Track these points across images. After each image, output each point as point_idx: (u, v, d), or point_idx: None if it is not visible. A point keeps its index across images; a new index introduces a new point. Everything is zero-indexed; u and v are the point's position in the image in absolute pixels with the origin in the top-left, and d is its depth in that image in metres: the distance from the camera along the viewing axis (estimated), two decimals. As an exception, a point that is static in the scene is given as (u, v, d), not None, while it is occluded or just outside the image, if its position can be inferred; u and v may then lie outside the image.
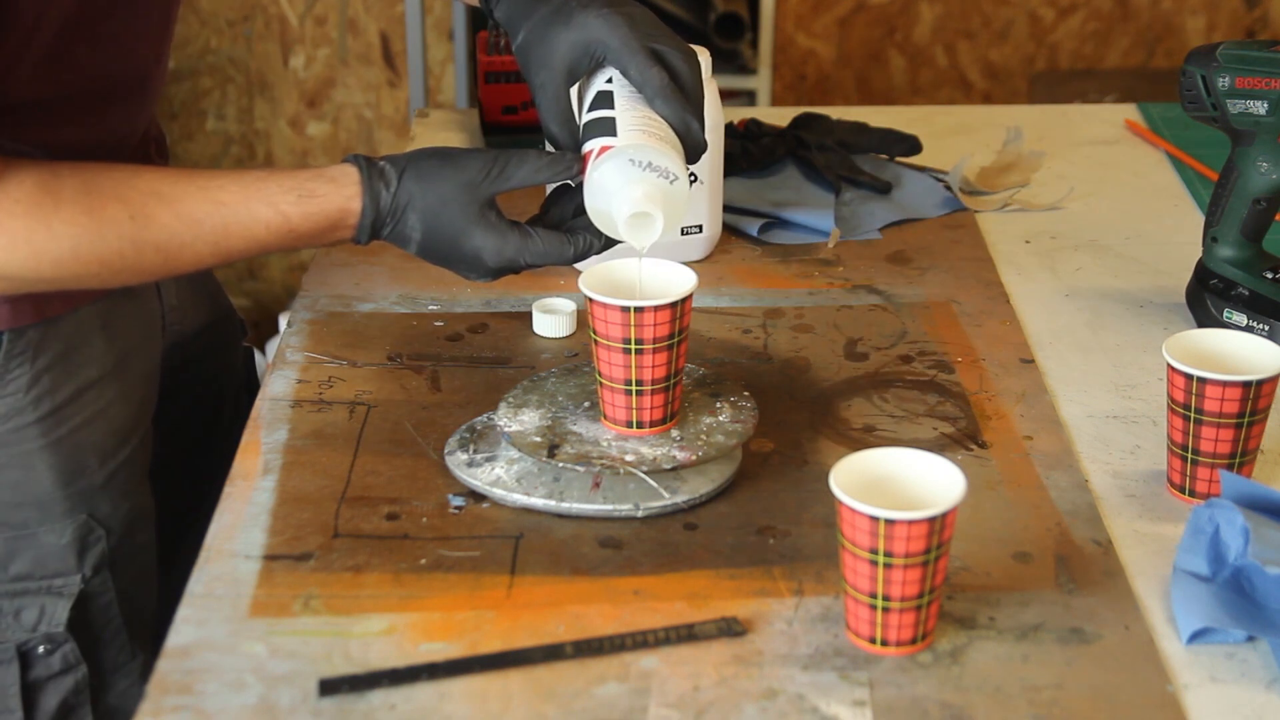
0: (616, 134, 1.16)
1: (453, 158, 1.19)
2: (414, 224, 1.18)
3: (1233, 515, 1.09)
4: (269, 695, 1.02)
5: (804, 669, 1.04)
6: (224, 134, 3.25)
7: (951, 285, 1.51)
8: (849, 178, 1.68)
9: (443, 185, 1.17)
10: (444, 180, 1.18)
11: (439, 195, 1.17)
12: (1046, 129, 1.86)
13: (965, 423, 1.30)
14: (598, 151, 1.16)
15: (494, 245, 1.18)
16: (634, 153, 1.15)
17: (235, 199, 1.16)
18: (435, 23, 3.18)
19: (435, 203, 1.17)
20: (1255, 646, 1.06)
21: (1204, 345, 1.20)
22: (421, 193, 1.17)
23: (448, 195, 1.17)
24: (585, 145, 1.18)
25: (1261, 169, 1.38)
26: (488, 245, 1.18)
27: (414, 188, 1.18)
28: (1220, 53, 1.38)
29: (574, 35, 1.20)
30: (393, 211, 1.18)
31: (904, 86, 3.25)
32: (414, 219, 1.18)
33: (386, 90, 3.25)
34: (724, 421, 1.23)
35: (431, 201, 1.17)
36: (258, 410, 1.30)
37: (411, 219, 1.18)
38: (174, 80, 3.21)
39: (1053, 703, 1.01)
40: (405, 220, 1.18)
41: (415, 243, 1.19)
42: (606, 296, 1.16)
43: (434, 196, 1.17)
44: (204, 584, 1.11)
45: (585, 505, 1.17)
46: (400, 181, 1.18)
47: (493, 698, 1.01)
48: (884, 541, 1.00)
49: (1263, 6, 3.21)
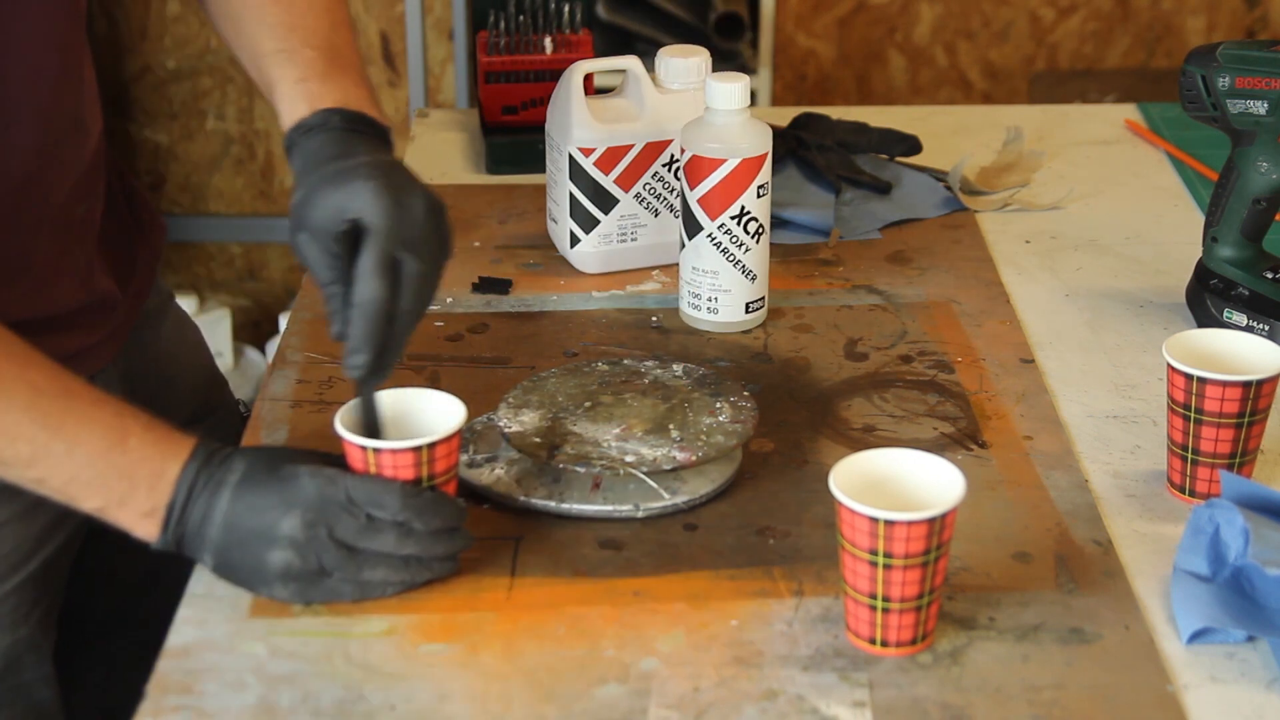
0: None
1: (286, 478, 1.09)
2: (237, 466, 1.08)
3: (1233, 515, 1.09)
4: (269, 695, 1.02)
5: (804, 670, 1.04)
6: (224, 134, 3.25)
7: (951, 285, 1.51)
8: (849, 178, 1.68)
9: (280, 448, 1.12)
10: (282, 448, 1.12)
11: (274, 450, 1.12)
12: (1046, 129, 1.86)
13: (965, 423, 1.30)
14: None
15: (314, 470, 1.08)
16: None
17: (86, 394, 1.07)
18: (435, 23, 3.18)
19: (267, 453, 1.11)
20: (1255, 646, 1.06)
21: (1204, 345, 1.20)
22: (256, 448, 1.12)
23: (283, 452, 1.11)
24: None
25: (1261, 169, 1.38)
26: (309, 468, 1.08)
27: (249, 448, 1.12)
28: (1220, 53, 1.38)
29: (339, 200, 1.13)
30: (222, 460, 1.09)
31: (904, 86, 3.25)
32: (239, 462, 1.09)
33: (386, 90, 3.25)
34: (724, 421, 1.23)
35: (264, 453, 1.11)
36: (258, 410, 1.30)
37: (237, 462, 1.09)
38: (174, 80, 3.21)
39: (1053, 703, 1.01)
40: (232, 461, 1.09)
41: (231, 485, 1.08)
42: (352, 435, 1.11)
43: (267, 451, 1.12)
44: (204, 584, 1.11)
45: (585, 506, 1.17)
46: (238, 446, 1.12)
47: (493, 698, 1.01)
48: (884, 542, 1.00)
49: (1263, 6, 3.21)
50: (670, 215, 1.52)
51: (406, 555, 1.08)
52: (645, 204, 1.51)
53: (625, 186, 1.50)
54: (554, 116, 1.51)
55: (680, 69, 1.49)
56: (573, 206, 1.50)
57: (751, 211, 1.40)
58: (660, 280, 1.52)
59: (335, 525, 1.07)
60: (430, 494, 1.09)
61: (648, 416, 1.23)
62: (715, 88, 1.38)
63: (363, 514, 1.07)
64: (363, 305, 1.11)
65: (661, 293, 1.50)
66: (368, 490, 1.07)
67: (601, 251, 1.52)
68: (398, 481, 1.08)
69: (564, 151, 1.49)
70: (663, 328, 1.44)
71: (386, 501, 1.07)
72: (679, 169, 1.44)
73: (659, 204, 1.52)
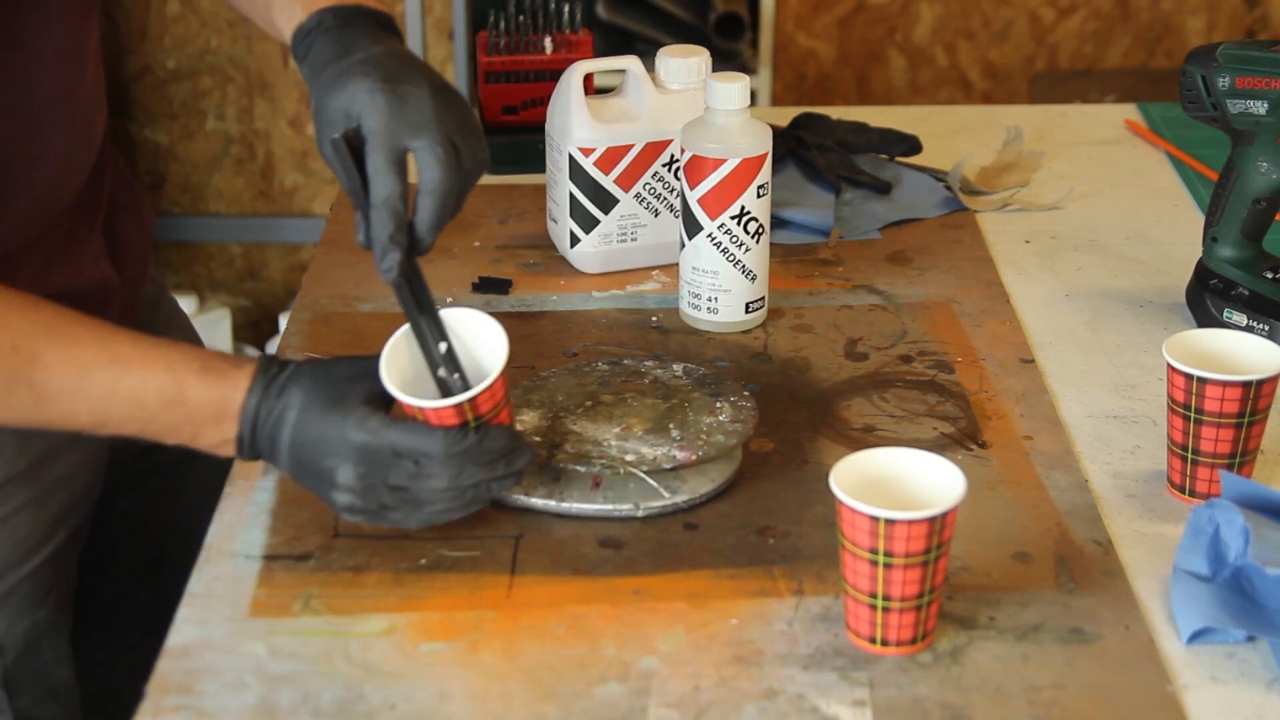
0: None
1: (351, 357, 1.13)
2: (294, 402, 1.10)
3: (1233, 515, 1.09)
4: (269, 695, 1.02)
5: (804, 669, 1.04)
6: (224, 134, 3.25)
7: (951, 285, 1.51)
8: (849, 178, 1.68)
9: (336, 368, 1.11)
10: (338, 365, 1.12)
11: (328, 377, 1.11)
12: (1046, 129, 1.86)
13: (965, 423, 1.30)
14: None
15: (360, 420, 1.09)
16: None
17: (134, 357, 1.08)
18: (435, 23, 3.18)
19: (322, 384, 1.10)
20: (1255, 646, 1.06)
21: (1204, 345, 1.20)
22: (312, 372, 1.11)
23: (338, 376, 1.11)
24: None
25: (1261, 169, 1.38)
26: (355, 419, 1.09)
27: (306, 368, 1.11)
28: (1220, 53, 1.38)
29: (342, 102, 1.14)
30: (279, 392, 1.10)
31: (904, 86, 3.25)
32: (295, 397, 1.10)
33: (386, 90, 3.24)
34: (724, 421, 1.23)
35: (318, 383, 1.10)
36: (258, 410, 1.30)
37: (293, 397, 1.10)
38: (174, 80, 3.21)
39: (1053, 703, 1.01)
40: (288, 397, 1.09)
41: (290, 424, 1.09)
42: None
43: (322, 379, 1.10)
44: (204, 584, 1.11)
45: (585, 505, 1.17)
46: (296, 366, 1.11)
47: (493, 698, 1.01)
48: (884, 541, 1.00)
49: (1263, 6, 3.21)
50: (670, 215, 1.52)
51: (463, 486, 1.09)
52: (645, 204, 1.51)
53: (625, 186, 1.50)
54: (554, 116, 1.51)
55: (680, 69, 1.49)
56: (573, 206, 1.50)
57: (751, 211, 1.40)
58: (660, 280, 1.52)
59: (387, 473, 1.08)
60: (475, 436, 1.09)
61: (648, 416, 1.23)
62: (715, 88, 1.38)
63: (411, 461, 1.08)
64: (378, 205, 1.11)
65: (661, 293, 1.50)
66: (412, 442, 1.08)
67: (601, 251, 1.52)
68: (440, 431, 1.09)
69: (564, 151, 1.49)
70: (663, 328, 1.44)
71: (431, 452, 1.08)
72: (679, 169, 1.44)
73: (659, 204, 1.52)
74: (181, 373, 1.08)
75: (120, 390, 1.07)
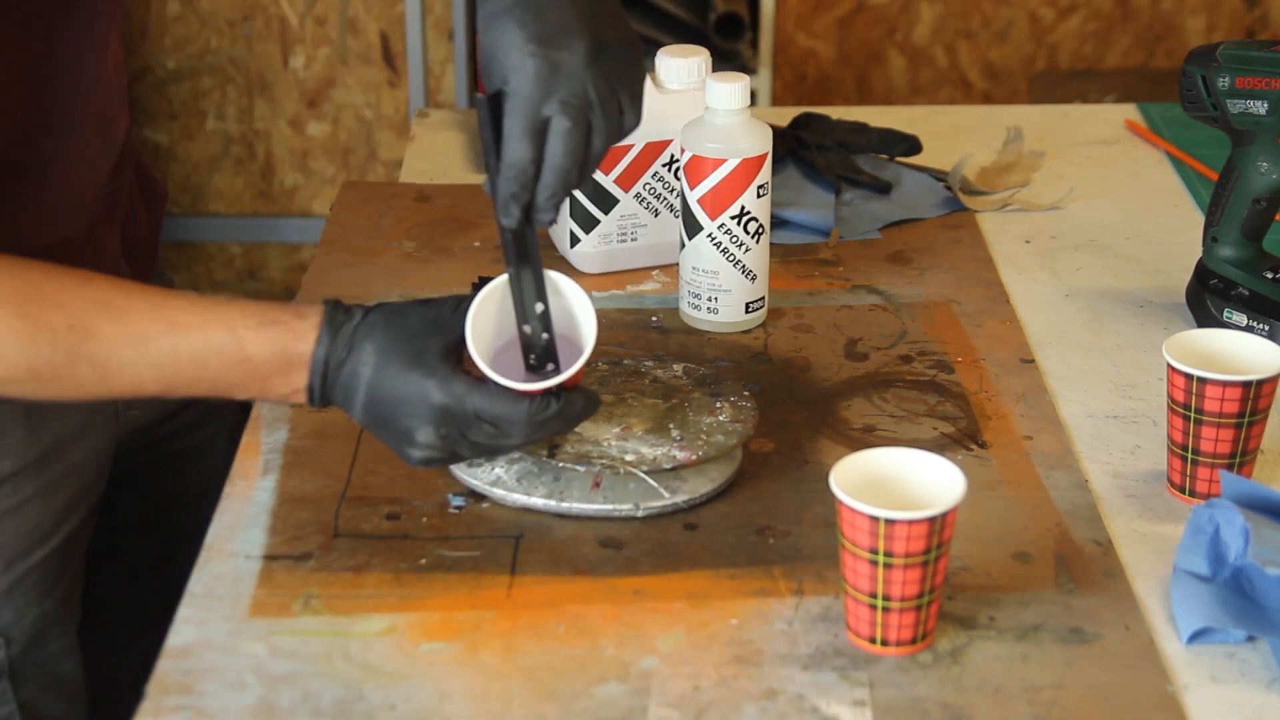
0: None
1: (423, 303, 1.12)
2: (368, 358, 1.08)
3: (1233, 515, 1.09)
4: (269, 695, 1.02)
5: (804, 669, 1.04)
6: (224, 134, 3.25)
7: (951, 285, 1.51)
8: (849, 178, 1.68)
9: (409, 319, 1.10)
10: (410, 315, 1.10)
11: (402, 329, 1.09)
12: (1046, 129, 1.86)
13: (965, 423, 1.30)
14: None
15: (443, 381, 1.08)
16: None
17: (190, 320, 1.07)
18: (435, 23, 3.18)
19: (396, 337, 1.09)
20: (1255, 646, 1.06)
21: (1204, 345, 1.20)
22: (384, 324, 1.09)
23: (412, 329, 1.09)
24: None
25: (1261, 169, 1.38)
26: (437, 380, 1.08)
27: (377, 318, 1.10)
28: (1220, 53, 1.38)
29: (494, 48, 1.12)
30: (350, 344, 1.08)
31: (904, 86, 3.25)
32: (370, 352, 1.08)
33: (386, 90, 3.25)
34: (724, 421, 1.23)
35: (393, 336, 1.09)
36: (258, 410, 1.30)
37: (367, 351, 1.08)
38: (174, 80, 3.21)
39: (1053, 703, 1.01)
40: (361, 351, 1.08)
41: (365, 380, 1.08)
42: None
43: (396, 331, 1.09)
44: (204, 584, 1.11)
45: (585, 505, 1.17)
46: (364, 315, 1.09)
47: (493, 698, 1.01)
48: (884, 541, 1.00)
49: (1263, 6, 3.21)
50: (670, 215, 1.52)
51: (538, 439, 1.11)
52: (645, 204, 1.51)
53: (625, 186, 1.50)
54: (554, 116, 1.51)
55: (680, 69, 1.49)
56: (573, 206, 1.50)
57: (751, 211, 1.40)
58: (660, 280, 1.52)
59: (468, 431, 1.08)
60: (557, 405, 1.09)
61: (648, 416, 1.23)
62: (715, 88, 1.38)
63: (491, 424, 1.08)
64: (505, 169, 1.10)
65: (661, 293, 1.50)
66: (496, 409, 1.08)
67: (601, 251, 1.52)
68: (525, 399, 1.08)
69: (564, 151, 1.49)
70: (663, 328, 1.44)
71: (515, 419, 1.08)
72: (679, 169, 1.44)
73: (659, 204, 1.52)
74: (240, 330, 1.07)
75: (182, 355, 1.06)
